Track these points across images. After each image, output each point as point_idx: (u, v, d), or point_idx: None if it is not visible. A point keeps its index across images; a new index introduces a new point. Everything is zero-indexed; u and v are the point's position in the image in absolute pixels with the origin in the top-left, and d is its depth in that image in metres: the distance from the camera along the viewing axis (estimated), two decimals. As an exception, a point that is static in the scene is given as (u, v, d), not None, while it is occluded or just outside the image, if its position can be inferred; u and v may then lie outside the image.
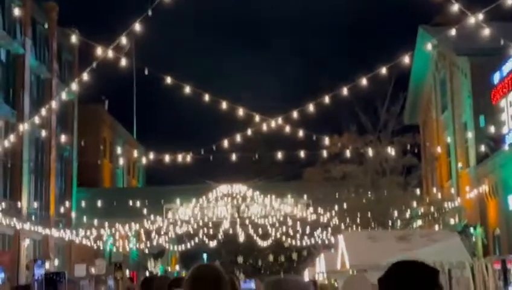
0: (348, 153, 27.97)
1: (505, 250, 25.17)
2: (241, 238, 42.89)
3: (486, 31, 14.03)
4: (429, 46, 23.76)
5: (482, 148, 28.50)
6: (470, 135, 30.10)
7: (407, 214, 30.36)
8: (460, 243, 17.12)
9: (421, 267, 2.81)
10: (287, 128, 18.38)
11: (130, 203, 36.09)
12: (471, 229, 28.19)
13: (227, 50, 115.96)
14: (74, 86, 18.89)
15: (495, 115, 27.04)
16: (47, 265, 31.39)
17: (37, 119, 22.19)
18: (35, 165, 37.32)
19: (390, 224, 29.44)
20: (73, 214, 40.51)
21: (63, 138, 36.94)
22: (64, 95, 24.61)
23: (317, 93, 16.89)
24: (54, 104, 23.78)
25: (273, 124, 17.95)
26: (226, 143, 20.39)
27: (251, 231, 41.03)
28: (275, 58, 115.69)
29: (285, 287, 4.76)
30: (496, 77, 26.15)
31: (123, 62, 15.49)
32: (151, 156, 23.52)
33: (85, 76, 16.18)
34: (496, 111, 26.80)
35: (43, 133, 33.48)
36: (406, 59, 15.63)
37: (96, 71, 15.95)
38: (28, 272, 28.68)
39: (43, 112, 21.13)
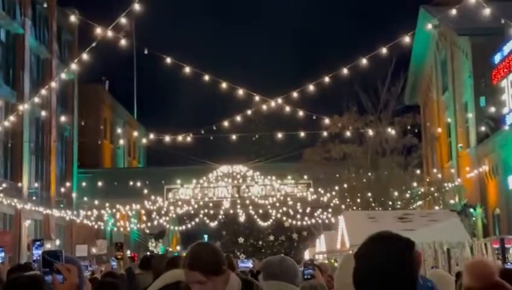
0: (348, 133, 27.97)
1: (505, 230, 25.25)
2: (242, 218, 43.03)
3: (487, 11, 13.98)
4: (430, 26, 23.71)
5: (483, 128, 28.51)
6: (471, 115, 30.09)
7: (407, 194, 30.41)
8: (460, 223, 17.17)
9: (395, 240, 2.82)
10: (287, 109, 18.37)
11: (131, 183, 36.14)
12: (471, 209, 28.27)
13: (227, 30, 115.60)
14: (74, 66, 18.86)
15: (496, 95, 27.00)
16: (48, 245, 31.52)
17: (37, 100, 22.21)
18: (36, 146, 37.33)
19: (390, 204, 29.50)
20: (74, 195, 40.59)
21: (63, 118, 36.93)
22: (64, 75, 24.60)
23: (317, 74, 16.85)
24: (53, 84, 23.77)
25: (273, 104, 17.94)
26: (226, 123, 20.40)
27: (251, 211, 41.14)
28: (275, 38, 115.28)
29: (273, 266, 4.83)
30: (497, 58, 26.08)
31: (123, 42, 15.45)
32: (152, 136, 23.54)
33: (85, 56, 16.15)
34: (497, 91, 26.76)
35: (43, 113, 33.45)
36: (407, 39, 15.60)
37: (96, 51, 15.92)
38: (29, 252, 28.80)
39: (43, 92, 21.13)
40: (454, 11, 14.46)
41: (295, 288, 4.75)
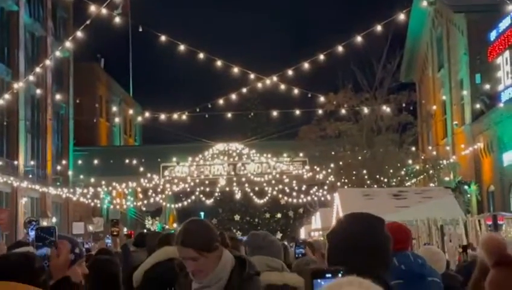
0: (343, 111, 28.03)
1: (499, 207, 25.44)
2: (238, 196, 43.16)
3: (483, -12, 13.95)
4: (425, 3, 23.70)
5: (478, 105, 28.57)
6: (466, 92, 30.14)
7: (402, 172, 30.53)
8: (454, 200, 17.31)
9: (365, 217, 2.89)
10: (283, 87, 18.39)
11: (127, 161, 36.18)
12: (466, 186, 28.43)
13: (223, 8, 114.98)
14: (69, 44, 18.83)
15: (491, 73, 27.03)
16: (45, 223, 31.62)
17: (32, 78, 22.17)
18: (32, 124, 37.28)
19: (385, 181, 29.62)
20: (70, 173, 40.64)
21: (59, 96, 36.83)
22: (59, 53, 24.54)
23: (313, 51, 16.85)
24: (49, 62, 23.71)
25: (268, 82, 17.95)
26: (221, 101, 20.43)
27: (247, 189, 41.26)
28: (271, 16, 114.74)
29: (256, 240, 4.93)
30: (493, 35, 26.07)
31: (118, 20, 15.43)
32: (148, 114, 23.56)
33: (80, 34, 16.12)
34: (492, 68, 26.79)
35: (39, 91, 33.40)
36: (402, 16, 15.60)
37: (91, 29, 15.89)
38: (26, 230, 28.91)
39: (38, 70, 21.09)
40: (449, -11, 14.43)
41: (279, 262, 4.84)
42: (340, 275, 2.34)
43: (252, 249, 4.91)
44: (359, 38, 15.87)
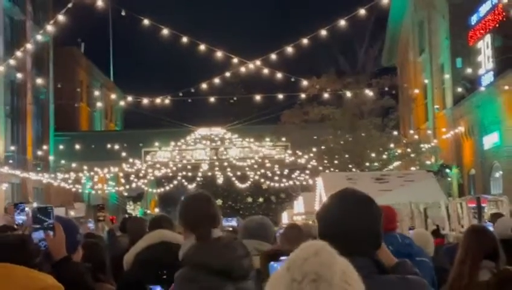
0: (326, 95, 28.04)
1: (480, 189, 25.66)
2: (220, 180, 43.17)
3: (465, -28, 13.97)
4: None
5: (459, 89, 28.73)
6: (447, 76, 30.28)
7: (384, 156, 30.68)
8: (436, 183, 17.41)
9: (353, 197, 2.87)
10: (265, 71, 18.35)
11: (108, 146, 36.00)
12: (447, 170, 28.64)
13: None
14: (49, 28, 18.63)
15: (472, 57, 27.18)
16: (26, 209, 31.43)
17: (12, 62, 21.93)
18: (11, 109, 36.94)
19: (367, 165, 29.76)
20: (51, 158, 40.38)
21: (39, 81, 36.45)
22: (39, 37, 24.27)
23: (295, 35, 16.81)
24: (29, 46, 23.44)
25: (251, 66, 17.90)
26: (204, 86, 20.34)
27: (230, 174, 41.28)
28: (253, 0, 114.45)
29: (250, 225, 4.97)
30: (474, 19, 26.20)
31: (99, 3, 15.27)
32: (129, 99, 23.43)
33: (60, 18, 15.96)
34: (473, 52, 26.94)
35: (19, 76, 32.99)
36: (385, 0, 15.59)
37: (71, 13, 15.73)
38: (7, 216, 28.69)
39: (18, 54, 20.87)
40: (432, -28, 14.45)
41: (268, 245, 4.91)
42: None
43: (246, 234, 4.94)
44: (342, 22, 15.85)
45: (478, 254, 4.40)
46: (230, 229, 11.67)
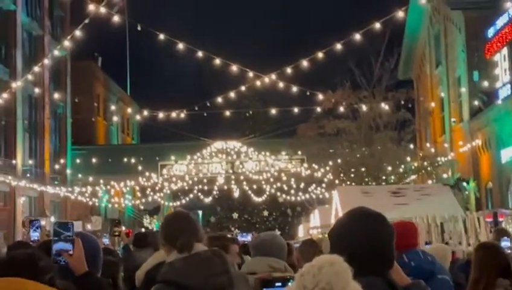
0: (341, 109, 28.02)
1: (497, 203, 25.44)
2: (236, 194, 43.14)
3: (481, -15, 13.94)
4: (423, 1, 23.67)
5: (476, 102, 28.57)
6: (464, 89, 30.13)
7: (401, 169, 30.53)
8: (453, 197, 17.32)
9: (366, 216, 2.85)
10: (281, 85, 18.38)
11: (125, 160, 36.14)
12: (464, 183, 28.44)
13: (221, 5, 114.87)
14: (66, 43, 18.80)
15: (489, 70, 27.04)
16: (43, 222, 31.58)
17: (29, 77, 22.16)
18: (29, 123, 37.24)
19: (383, 179, 29.63)
20: (68, 171, 40.60)
21: (56, 95, 36.76)
22: (56, 52, 24.50)
23: (311, 49, 16.84)
24: (46, 61, 23.66)
25: (266, 80, 17.94)
26: (220, 100, 20.40)
27: (246, 187, 41.25)
28: (269, 13, 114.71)
29: (263, 244, 4.91)
30: (490, 31, 26.07)
31: (116, 18, 15.40)
32: (145, 113, 23.54)
33: (77, 33, 16.11)
34: (490, 65, 26.80)
35: (36, 90, 33.33)
36: (400, 14, 15.59)
37: (88, 27, 15.88)
38: (24, 229, 28.87)
39: (36, 69, 21.07)
40: (447, -14, 14.42)
41: (282, 262, 4.85)
42: (290, 283, 2.30)
43: (257, 253, 4.91)
44: (357, 36, 15.86)
45: (493, 272, 4.34)
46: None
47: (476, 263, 4.50)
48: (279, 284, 2.23)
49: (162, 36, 15.89)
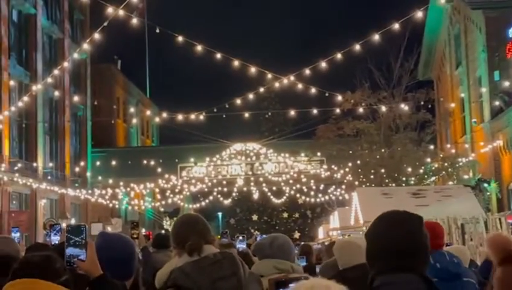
0: (361, 110, 27.91)
1: (519, 204, 25.21)
2: (256, 195, 43.12)
3: (501, -16, 13.82)
4: (443, 1, 23.53)
5: (497, 103, 28.34)
6: (484, 89, 29.90)
7: (421, 170, 30.35)
8: (474, 198, 17.15)
9: (405, 217, 2.87)
10: (300, 86, 18.33)
11: (145, 162, 36.28)
12: (485, 184, 28.20)
13: (239, 7, 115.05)
14: (86, 46, 18.90)
15: (510, 70, 26.82)
16: (64, 225, 31.79)
17: (50, 80, 22.28)
18: (50, 126, 37.53)
19: (403, 180, 29.46)
20: (88, 174, 40.86)
21: (77, 98, 37.05)
22: (76, 55, 24.64)
23: (330, 50, 16.78)
24: (66, 64, 23.81)
25: (285, 81, 17.91)
26: (238, 101, 20.40)
27: (265, 189, 41.22)
28: (288, 15, 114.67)
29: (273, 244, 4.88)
30: (511, 31, 25.86)
31: (135, 21, 15.46)
32: (165, 115, 23.59)
33: (97, 35, 16.18)
34: (511, 65, 26.57)
35: (57, 93, 33.57)
36: (420, 14, 15.49)
37: (108, 30, 15.95)
38: (45, 231, 29.08)
39: (56, 72, 21.20)
40: (467, -15, 14.32)
41: (288, 263, 4.78)
42: None
43: (257, 255, 4.92)
44: (376, 37, 15.78)
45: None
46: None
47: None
48: (293, 285, 2.21)
49: (180, 38, 15.91)
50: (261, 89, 19.28)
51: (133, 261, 3.75)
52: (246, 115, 24.30)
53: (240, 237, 5.63)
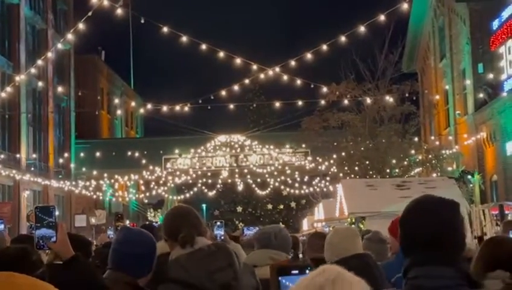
0: (346, 102, 27.92)
1: (502, 196, 25.38)
2: (240, 187, 43.15)
3: (486, -24, 13.86)
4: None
5: (481, 95, 28.47)
6: (468, 82, 30.02)
7: (405, 162, 30.46)
8: (457, 189, 17.26)
9: (441, 203, 2.78)
10: (285, 78, 18.31)
11: (129, 154, 36.16)
12: (469, 176, 28.35)
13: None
14: (70, 36, 18.76)
15: (494, 62, 26.93)
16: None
17: (33, 70, 22.12)
18: (33, 116, 37.26)
19: (388, 172, 29.57)
20: (72, 165, 40.66)
21: (60, 89, 36.78)
22: (60, 46, 24.46)
23: (315, 42, 16.76)
24: (50, 54, 23.62)
25: (270, 73, 17.87)
26: (223, 93, 20.34)
27: (249, 181, 41.25)
28: (272, 6, 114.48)
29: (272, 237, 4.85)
30: (495, 23, 25.95)
31: (119, 11, 15.34)
32: (149, 106, 23.49)
33: (81, 26, 16.05)
34: (495, 58, 26.69)
35: (40, 84, 33.34)
36: (405, 6, 15.50)
37: (92, 21, 15.81)
38: (29, 223, 28.92)
39: (40, 62, 21.03)
40: (452, -23, 14.34)
41: (284, 255, 4.82)
42: (307, 271, 2.18)
43: (261, 245, 4.88)
44: (361, 29, 15.77)
45: (489, 263, 4.20)
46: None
47: (477, 255, 4.36)
48: (296, 271, 2.15)
49: (165, 29, 15.82)
50: (246, 81, 19.24)
51: (152, 258, 3.75)
52: (231, 106, 24.23)
53: (218, 223, 5.52)
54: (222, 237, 5.61)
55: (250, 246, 5.64)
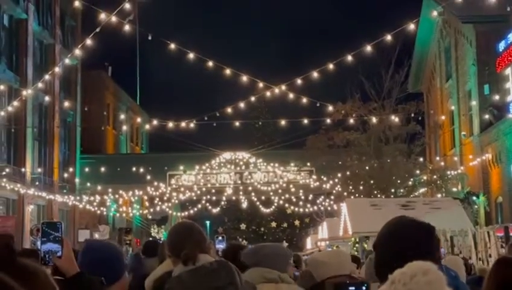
0: (351, 121, 27.95)
1: (507, 218, 25.29)
2: (244, 205, 43.08)
3: (493, -2, 13.91)
4: (435, 14, 23.67)
5: (486, 116, 28.47)
6: (474, 103, 30.04)
7: (410, 182, 30.41)
8: (462, 210, 17.22)
9: (414, 226, 2.80)
10: (291, 96, 18.35)
11: (134, 169, 36.16)
12: (474, 197, 28.29)
13: (231, 16, 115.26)
14: (77, 52, 18.87)
15: (499, 84, 26.97)
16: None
17: (40, 85, 22.24)
18: (39, 131, 37.34)
19: (392, 191, 29.51)
20: (76, 180, 40.66)
21: (66, 104, 36.88)
22: (67, 61, 24.58)
23: (321, 61, 16.83)
24: (57, 69, 23.74)
25: (276, 91, 17.92)
26: (229, 110, 20.39)
27: (254, 198, 41.19)
28: (280, 25, 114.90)
29: (262, 253, 4.79)
30: (501, 45, 26.01)
31: (126, 28, 15.44)
32: (155, 122, 23.55)
33: (88, 42, 16.15)
34: (501, 79, 26.73)
35: (47, 98, 33.43)
36: (411, 26, 15.57)
37: (99, 37, 15.92)
38: (32, 237, 28.90)
39: (47, 77, 21.15)
40: (459, -1, 14.40)
41: (275, 273, 4.67)
42: (364, 287, 2.26)
43: (253, 260, 4.87)
44: (368, 48, 15.84)
45: (503, 287, 4.17)
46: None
47: (489, 276, 4.33)
48: (353, 288, 2.18)
49: (172, 46, 15.90)
50: (252, 98, 19.29)
51: (120, 261, 3.70)
52: (237, 123, 24.29)
53: (220, 237, 5.45)
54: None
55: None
